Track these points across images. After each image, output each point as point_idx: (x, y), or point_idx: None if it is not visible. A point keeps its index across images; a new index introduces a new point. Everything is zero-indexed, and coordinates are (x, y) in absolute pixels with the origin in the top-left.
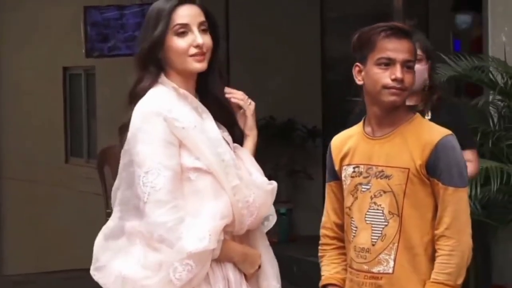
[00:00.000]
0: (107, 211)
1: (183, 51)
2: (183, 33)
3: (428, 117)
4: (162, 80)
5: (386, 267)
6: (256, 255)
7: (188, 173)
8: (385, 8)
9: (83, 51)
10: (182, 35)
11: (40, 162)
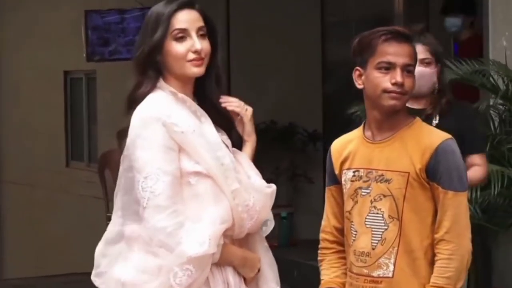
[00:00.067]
0: (108, 215)
1: (181, 56)
2: (181, 38)
3: (436, 121)
4: (160, 84)
5: (386, 271)
6: (255, 259)
7: (188, 178)
8: (386, 12)
9: (84, 55)
10: (180, 40)
11: (40, 166)
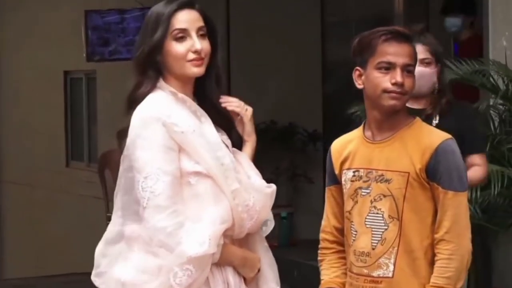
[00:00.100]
0: (108, 215)
1: (181, 56)
2: (181, 38)
3: (436, 121)
4: (160, 84)
5: (386, 271)
6: (255, 259)
7: (188, 178)
8: (386, 12)
9: (84, 55)
10: (180, 40)
11: (40, 166)
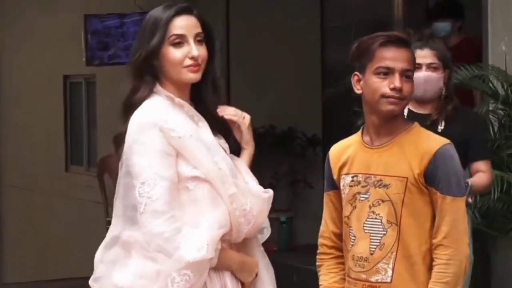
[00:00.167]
0: (107, 219)
1: (178, 62)
2: (179, 43)
3: (441, 127)
4: (157, 89)
5: (384, 276)
6: (253, 263)
7: (186, 183)
8: (385, 17)
9: (84, 59)
10: (178, 46)
11: (40, 170)
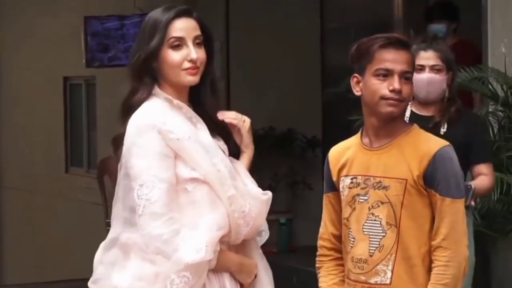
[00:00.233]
0: (107, 221)
1: (177, 65)
2: (178, 46)
3: (444, 129)
4: (155, 91)
5: (383, 277)
6: (252, 264)
7: (185, 184)
8: (385, 18)
9: (84, 61)
10: (176, 48)
11: (40, 171)
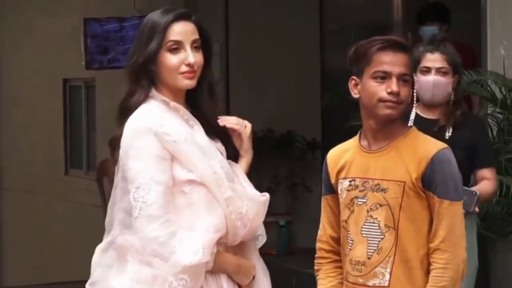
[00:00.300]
0: None
1: (174, 68)
2: (175, 49)
3: (449, 133)
4: (152, 93)
5: (382, 280)
6: (250, 266)
7: (182, 186)
8: (385, 20)
9: (83, 63)
10: (174, 52)
11: (39, 173)
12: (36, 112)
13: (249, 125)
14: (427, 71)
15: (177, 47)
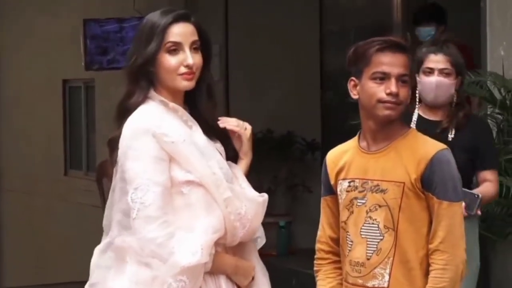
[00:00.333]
0: None
1: (173, 69)
2: (174, 50)
3: (451, 135)
4: (151, 94)
5: (381, 281)
6: (249, 267)
7: (180, 187)
8: (385, 21)
9: (83, 64)
10: (173, 53)
11: (39, 174)
12: (35, 112)
13: (249, 127)
14: (430, 72)
15: (176, 48)
